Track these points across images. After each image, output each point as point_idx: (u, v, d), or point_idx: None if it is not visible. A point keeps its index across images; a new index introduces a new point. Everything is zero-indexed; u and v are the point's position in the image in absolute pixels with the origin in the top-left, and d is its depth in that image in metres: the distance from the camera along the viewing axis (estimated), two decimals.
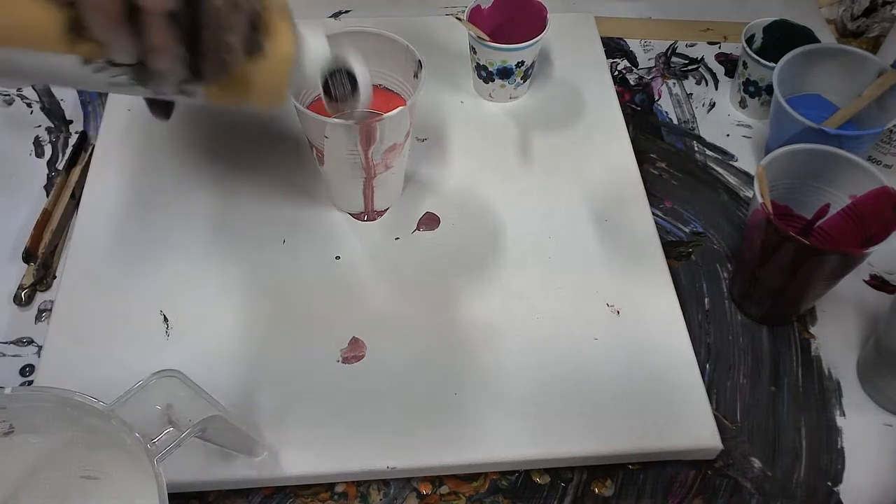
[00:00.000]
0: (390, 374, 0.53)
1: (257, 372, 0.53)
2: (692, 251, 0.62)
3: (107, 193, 0.62)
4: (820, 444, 0.52)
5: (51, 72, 0.35)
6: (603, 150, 0.66)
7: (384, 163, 0.55)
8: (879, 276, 0.60)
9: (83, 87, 0.37)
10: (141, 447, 0.36)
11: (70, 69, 0.35)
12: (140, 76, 0.37)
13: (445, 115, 0.68)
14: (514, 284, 0.57)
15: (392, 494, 0.50)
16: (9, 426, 0.39)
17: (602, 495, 0.50)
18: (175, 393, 0.39)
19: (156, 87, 0.38)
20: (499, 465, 0.50)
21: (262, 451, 0.48)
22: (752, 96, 0.69)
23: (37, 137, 0.68)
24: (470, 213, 0.61)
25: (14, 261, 0.59)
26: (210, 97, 0.41)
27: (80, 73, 0.35)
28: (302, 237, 0.60)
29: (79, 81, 0.36)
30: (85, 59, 0.35)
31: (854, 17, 0.77)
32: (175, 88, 0.39)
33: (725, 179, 0.67)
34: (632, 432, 0.50)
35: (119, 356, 0.53)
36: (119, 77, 0.37)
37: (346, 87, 0.46)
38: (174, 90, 0.39)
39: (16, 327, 0.57)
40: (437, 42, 0.73)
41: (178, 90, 0.39)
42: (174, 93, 0.39)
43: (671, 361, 0.54)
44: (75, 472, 0.41)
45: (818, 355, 0.56)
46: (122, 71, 0.36)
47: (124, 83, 0.37)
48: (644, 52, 0.77)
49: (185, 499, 0.49)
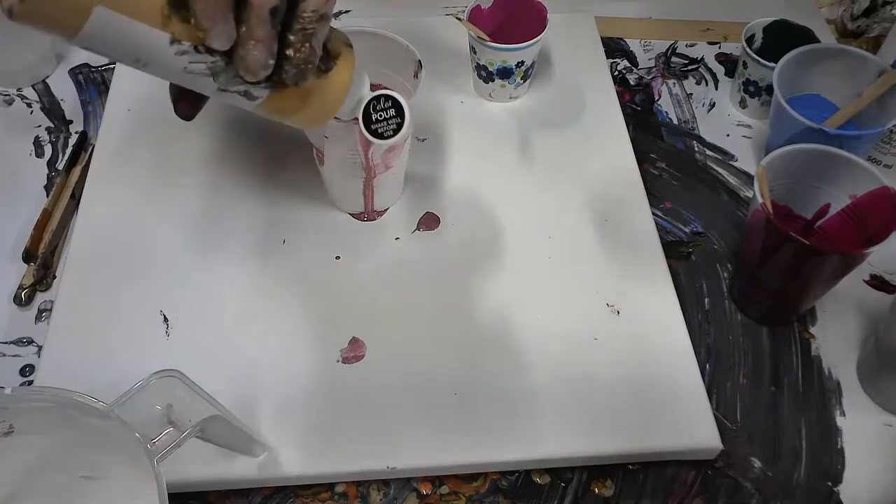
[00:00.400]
0: (390, 374, 0.53)
1: (257, 372, 0.53)
2: (692, 251, 0.62)
3: (107, 193, 0.62)
4: (820, 444, 0.52)
5: (136, 45, 0.35)
6: (603, 150, 0.66)
7: (384, 163, 0.55)
8: (879, 276, 0.60)
9: (158, 68, 0.36)
10: (141, 447, 0.36)
11: (155, 46, 0.35)
12: (219, 68, 0.37)
13: (445, 115, 0.68)
14: (514, 284, 0.57)
15: (392, 494, 0.50)
16: (9, 426, 0.38)
17: (602, 495, 0.50)
18: (175, 393, 0.39)
19: (229, 82, 0.38)
20: (499, 465, 0.50)
21: (262, 451, 0.49)
22: (752, 96, 0.69)
23: (37, 137, 0.68)
24: (470, 213, 0.61)
25: (14, 261, 0.59)
26: (267, 104, 0.41)
27: (163, 52, 0.35)
28: (302, 237, 0.60)
29: (158, 61, 0.36)
30: (173, 39, 0.35)
31: (854, 17, 0.77)
32: (244, 87, 0.39)
33: (725, 179, 0.67)
34: (632, 432, 0.50)
35: (119, 356, 0.53)
36: (197, 65, 0.36)
37: (390, 111, 0.47)
38: (242, 89, 0.39)
39: (16, 327, 0.57)
40: (437, 42, 0.73)
41: (244, 90, 0.39)
42: (239, 93, 0.39)
43: (671, 361, 0.54)
44: (75, 472, 0.41)
45: (818, 355, 0.56)
46: (204, 59, 0.36)
47: (199, 72, 0.37)
48: (644, 52, 0.77)
49: (184, 499, 0.49)
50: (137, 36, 0.34)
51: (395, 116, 0.47)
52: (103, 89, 0.72)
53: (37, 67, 0.72)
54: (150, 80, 0.73)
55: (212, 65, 0.37)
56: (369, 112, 0.46)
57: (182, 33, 0.35)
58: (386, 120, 0.47)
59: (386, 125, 0.47)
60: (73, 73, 0.73)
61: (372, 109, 0.46)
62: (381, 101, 0.46)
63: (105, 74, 0.73)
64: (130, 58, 0.36)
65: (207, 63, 0.37)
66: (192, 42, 0.35)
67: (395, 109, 0.47)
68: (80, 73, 0.73)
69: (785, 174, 0.53)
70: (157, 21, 0.34)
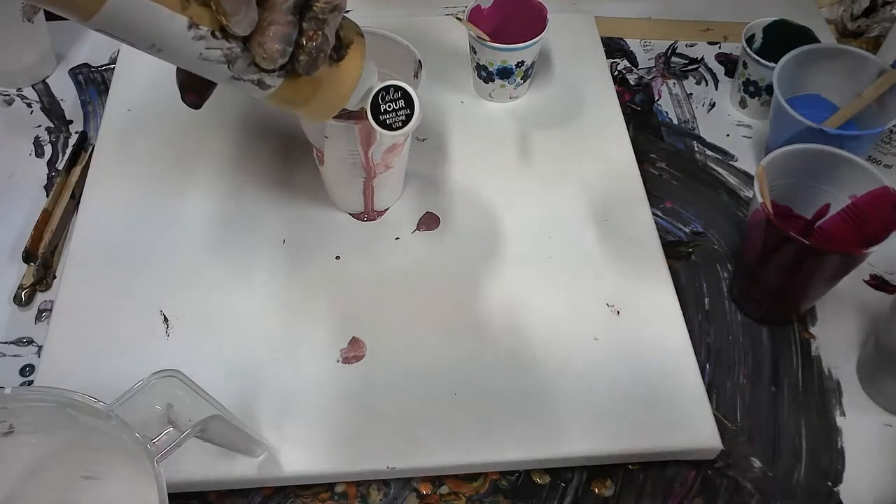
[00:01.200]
0: (390, 374, 0.53)
1: (257, 371, 0.53)
2: (692, 251, 0.62)
3: (107, 193, 0.62)
4: (820, 444, 0.52)
5: (153, 29, 0.34)
6: (603, 150, 0.66)
7: (384, 163, 0.55)
8: (879, 276, 0.60)
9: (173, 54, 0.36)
10: (141, 447, 0.36)
11: (173, 30, 0.35)
12: (235, 55, 0.37)
13: (445, 115, 0.68)
14: (514, 284, 0.57)
15: (392, 494, 0.50)
16: (9, 426, 0.38)
17: (602, 495, 0.50)
18: (175, 393, 0.39)
19: (244, 70, 0.38)
20: (499, 465, 0.50)
21: (262, 451, 0.49)
22: (752, 96, 0.69)
23: (37, 137, 0.68)
24: (470, 214, 0.61)
25: (14, 261, 0.59)
26: (278, 94, 0.41)
27: (180, 36, 0.35)
28: (302, 237, 0.60)
29: (173, 46, 0.36)
30: (191, 23, 0.35)
31: (854, 17, 0.77)
32: (257, 76, 0.39)
33: (725, 179, 0.67)
34: (632, 432, 0.50)
35: (119, 356, 0.53)
36: (213, 51, 0.36)
37: (399, 102, 0.46)
38: (255, 78, 0.39)
39: (16, 327, 0.57)
40: (437, 42, 0.73)
41: (258, 79, 0.39)
42: (252, 81, 0.39)
43: (671, 361, 0.54)
44: (75, 472, 0.41)
45: (818, 355, 0.56)
46: (220, 45, 0.36)
47: (214, 59, 0.37)
48: (644, 52, 0.77)
49: (184, 499, 0.49)
50: (155, 19, 0.34)
51: (404, 108, 0.46)
52: (103, 89, 0.72)
53: (37, 67, 0.72)
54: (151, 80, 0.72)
55: (228, 51, 0.36)
56: (378, 102, 0.46)
57: (201, 17, 0.35)
58: (395, 111, 0.46)
59: (395, 116, 0.47)
60: (73, 73, 0.73)
61: (381, 100, 0.46)
62: (391, 92, 0.46)
63: (105, 74, 0.73)
64: (146, 42, 0.35)
65: (224, 49, 0.36)
66: (210, 27, 0.35)
67: (404, 100, 0.46)
68: (80, 73, 0.73)
69: (785, 174, 0.53)
70: (175, 4, 0.34)
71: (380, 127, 0.47)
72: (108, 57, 0.74)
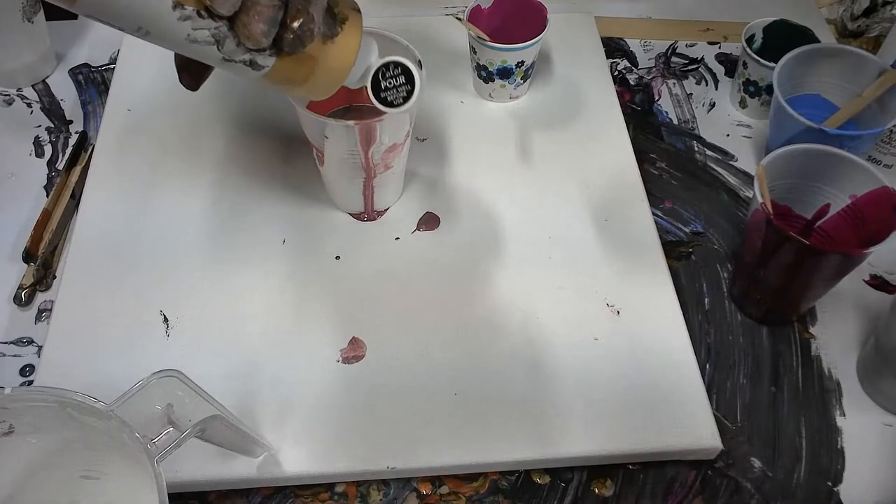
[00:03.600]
0: (390, 374, 0.53)
1: (257, 371, 0.53)
2: (692, 251, 0.62)
3: (107, 193, 0.62)
4: (820, 444, 0.52)
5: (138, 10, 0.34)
6: (603, 150, 0.66)
7: (384, 163, 0.55)
8: (879, 276, 0.60)
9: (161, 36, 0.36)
10: (141, 447, 0.36)
11: (158, 11, 0.35)
12: (222, 34, 0.37)
13: (445, 115, 0.68)
14: (514, 284, 0.57)
15: (392, 494, 0.50)
16: (9, 426, 0.38)
17: (602, 495, 0.50)
18: (175, 393, 0.39)
19: (233, 51, 0.38)
20: (499, 465, 0.50)
21: (262, 451, 0.48)
22: (752, 96, 0.69)
23: (37, 137, 0.68)
24: (470, 213, 0.61)
25: (14, 261, 0.59)
26: (272, 74, 0.40)
27: (166, 17, 0.35)
28: (302, 237, 0.60)
29: (160, 28, 0.36)
30: (175, 3, 0.35)
31: (854, 17, 0.77)
32: (248, 56, 0.38)
33: (725, 179, 0.67)
34: (632, 432, 0.50)
35: (119, 356, 0.53)
36: (201, 31, 0.36)
37: (400, 79, 0.46)
38: (247, 58, 0.39)
39: (16, 327, 0.57)
40: (437, 42, 0.73)
41: (249, 59, 0.39)
42: (244, 62, 0.39)
43: (671, 361, 0.54)
44: (75, 472, 0.41)
45: (818, 355, 0.56)
46: (207, 24, 0.36)
47: (202, 40, 0.37)
48: (644, 52, 0.77)
49: (184, 499, 0.49)
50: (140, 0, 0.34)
51: (404, 84, 0.46)
52: (103, 89, 0.72)
53: (37, 67, 0.72)
54: (150, 80, 0.72)
55: (215, 31, 0.36)
56: (378, 80, 0.46)
57: None
58: (396, 87, 0.46)
59: (396, 93, 0.46)
60: (73, 73, 0.73)
61: (381, 77, 0.46)
62: (391, 69, 0.46)
63: (105, 74, 0.73)
64: (133, 25, 0.35)
65: (211, 30, 0.36)
66: (195, 7, 0.35)
67: (404, 77, 0.46)
68: (80, 73, 0.73)
69: (785, 174, 0.53)
70: None
71: (381, 104, 0.46)
72: (108, 57, 0.74)
